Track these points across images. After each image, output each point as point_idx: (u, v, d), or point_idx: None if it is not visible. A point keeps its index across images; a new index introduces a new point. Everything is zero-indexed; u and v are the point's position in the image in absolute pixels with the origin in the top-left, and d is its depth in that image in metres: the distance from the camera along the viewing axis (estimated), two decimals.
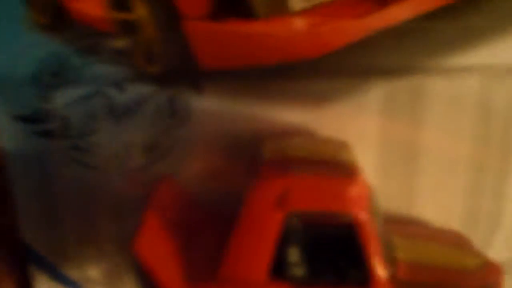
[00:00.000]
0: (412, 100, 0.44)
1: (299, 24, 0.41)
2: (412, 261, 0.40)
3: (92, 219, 0.48)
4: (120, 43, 0.44)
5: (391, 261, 0.39)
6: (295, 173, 0.37)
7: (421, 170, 0.46)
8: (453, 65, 0.43)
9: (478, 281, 0.40)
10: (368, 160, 0.45)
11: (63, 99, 0.45)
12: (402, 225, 0.45)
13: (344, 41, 0.41)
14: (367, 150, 0.46)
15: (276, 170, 0.38)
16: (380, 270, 0.37)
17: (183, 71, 0.44)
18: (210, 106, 0.45)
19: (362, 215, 0.36)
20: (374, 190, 0.41)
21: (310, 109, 0.45)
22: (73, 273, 0.49)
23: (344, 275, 0.37)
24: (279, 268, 0.38)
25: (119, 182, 0.47)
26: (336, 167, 0.39)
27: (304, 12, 0.41)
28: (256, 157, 0.42)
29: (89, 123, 0.46)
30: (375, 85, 0.44)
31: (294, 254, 0.38)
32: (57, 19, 0.44)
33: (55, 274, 0.50)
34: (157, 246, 0.39)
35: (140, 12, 0.43)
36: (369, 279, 0.37)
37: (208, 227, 0.43)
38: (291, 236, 0.37)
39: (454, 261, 0.41)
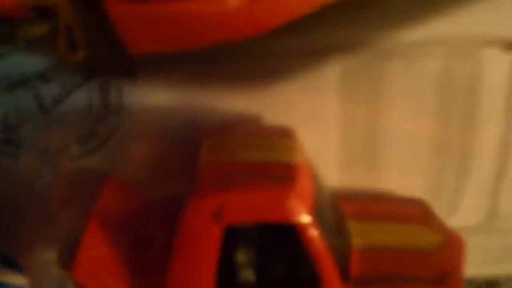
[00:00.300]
0: (370, 78, 0.40)
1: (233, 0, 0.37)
2: (367, 246, 0.39)
3: (23, 215, 0.45)
4: (38, 30, 0.39)
5: (344, 252, 0.37)
6: (231, 185, 0.34)
7: (383, 149, 0.43)
8: (411, 39, 0.38)
9: (438, 266, 0.38)
10: (327, 141, 0.43)
11: None
12: (360, 202, 0.43)
13: (286, 18, 0.37)
14: (326, 132, 0.42)
15: (212, 183, 0.35)
16: (330, 272, 0.35)
17: (111, 57, 0.40)
18: (144, 93, 0.41)
19: (304, 219, 0.34)
20: (319, 178, 0.39)
21: (256, 93, 0.41)
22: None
23: (294, 277, 0.35)
24: (228, 276, 0.36)
25: (53, 176, 0.43)
26: (275, 170, 0.36)
27: None
28: (194, 157, 0.38)
29: (18, 115, 0.42)
30: (329, 63, 0.40)
31: (241, 261, 0.35)
32: None
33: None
34: (97, 268, 0.36)
35: None
36: (319, 280, 0.35)
37: (155, 223, 0.40)
38: (235, 245, 0.35)
39: (413, 241, 0.39)
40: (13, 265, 0.48)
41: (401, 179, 0.44)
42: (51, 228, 0.44)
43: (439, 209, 0.42)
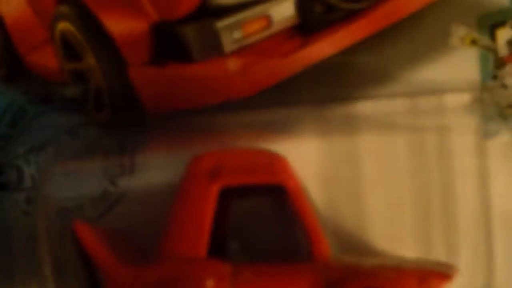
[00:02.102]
0: (346, 125, 0.46)
1: (232, 65, 0.45)
2: None
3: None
4: (71, 91, 0.47)
5: None
6: (227, 151, 0.40)
7: (365, 191, 0.47)
8: (379, 93, 0.45)
9: None
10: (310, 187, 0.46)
11: (18, 150, 0.48)
12: None
13: (275, 79, 0.45)
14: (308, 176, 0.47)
15: (210, 152, 0.40)
16: (321, 238, 0.38)
17: (130, 116, 0.47)
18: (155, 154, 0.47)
19: (293, 182, 0.38)
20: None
21: (249, 139, 0.47)
22: None
23: (283, 245, 0.39)
24: (218, 244, 0.39)
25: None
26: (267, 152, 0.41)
27: (236, 53, 0.45)
28: None
29: (41, 174, 0.48)
30: (308, 114, 0.46)
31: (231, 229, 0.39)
32: (13, 70, 0.48)
33: None
34: (95, 230, 0.41)
35: (89, 60, 0.47)
36: (311, 249, 0.38)
37: None
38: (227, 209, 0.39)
39: None
40: None
41: (386, 225, 0.47)
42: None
43: None
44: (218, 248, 0.39)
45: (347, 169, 0.47)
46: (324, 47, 0.44)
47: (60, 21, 0.47)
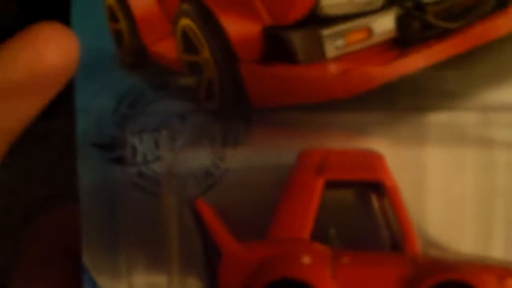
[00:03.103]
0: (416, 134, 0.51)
1: (332, 69, 0.50)
2: None
3: (155, 246, 0.54)
4: (186, 80, 0.53)
5: None
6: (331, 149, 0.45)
7: (428, 199, 0.50)
8: (454, 105, 0.50)
9: None
10: None
11: (134, 129, 0.54)
12: None
13: (369, 85, 0.50)
14: None
15: (316, 149, 0.45)
16: (412, 232, 0.43)
17: (237, 107, 0.52)
18: (258, 137, 0.53)
19: (393, 182, 0.43)
20: None
21: (349, 140, 0.51)
22: None
23: (380, 239, 0.44)
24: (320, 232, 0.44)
25: (178, 210, 0.54)
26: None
27: (338, 59, 0.50)
28: None
29: (153, 151, 0.54)
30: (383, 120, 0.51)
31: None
32: (138, 58, 0.54)
33: None
34: (214, 210, 0.46)
35: (205, 54, 0.52)
36: (402, 243, 0.43)
37: None
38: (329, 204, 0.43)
39: None
40: None
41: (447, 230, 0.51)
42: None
43: None
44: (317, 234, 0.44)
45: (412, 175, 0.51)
46: (417, 60, 0.49)
47: (182, 17, 0.53)
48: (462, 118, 0.50)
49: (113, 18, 0.54)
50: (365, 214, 0.45)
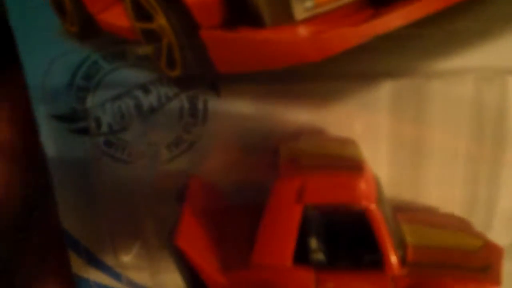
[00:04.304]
0: (415, 99, 0.48)
1: (302, 31, 0.46)
2: (419, 244, 0.45)
3: (127, 209, 0.53)
4: (144, 49, 0.49)
5: (400, 245, 0.44)
6: (310, 170, 0.42)
7: (425, 163, 0.50)
8: (447, 67, 0.46)
9: (480, 261, 0.45)
10: (377, 156, 0.50)
11: (95, 100, 0.50)
12: (409, 212, 0.50)
13: (343, 47, 0.46)
14: (376, 147, 0.50)
15: (294, 168, 0.43)
16: (391, 254, 0.42)
17: (202, 74, 0.49)
18: (226, 107, 0.50)
19: (371, 206, 0.41)
20: (380, 181, 0.46)
21: (318, 109, 0.49)
22: (108, 259, 0.55)
23: (360, 259, 0.42)
24: (302, 254, 0.43)
25: (148, 175, 0.52)
26: (345, 162, 0.44)
27: (307, 21, 0.46)
28: (273, 157, 0.47)
29: (119, 121, 0.51)
30: (380, 86, 0.48)
31: (314, 242, 0.43)
32: (86, 28, 0.49)
33: (91, 259, 0.56)
34: (195, 239, 0.44)
35: (160, 21, 0.48)
36: (382, 262, 0.42)
37: (235, 216, 0.49)
38: (311, 225, 0.42)
39: (457, 243, 0.45)
40: (98, 263, 0.56)
41: (439, 191, 0.51)
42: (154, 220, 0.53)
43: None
44: (304, 256, 0.42)
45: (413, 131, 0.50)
46: (393, 19, 0.45)
47: None
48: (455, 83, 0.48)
49: None
50: (350, 233, 0.43)
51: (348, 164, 0.44)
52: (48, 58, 0.49)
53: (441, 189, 0.51)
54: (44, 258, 0.56)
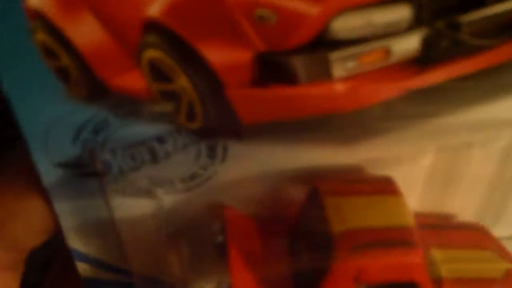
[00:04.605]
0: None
1: (339, 87, 0.42)
2: (455, 278, 0.47)
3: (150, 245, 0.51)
4: (161, 107, 0.44)
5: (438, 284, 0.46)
6: (365, 252, 0.43)
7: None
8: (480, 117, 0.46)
9: None
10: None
11: (104, 149, 0.46)
12: (435, 230, 0.51)
13: (378, 99, 0.43)
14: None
15: (348, 249, 0.43)
16: None
17: (223, 126, 0.45)
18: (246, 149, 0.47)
19: (423, 278, 0.43)
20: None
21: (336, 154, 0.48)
22: None
23: None
24: None
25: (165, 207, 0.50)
26: (396, 234, 0.44)
27: (346, 77, 0.42)
28: (311, 197, 0.47)
29: (130, 162, 0.47)
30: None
31: None
32: (94, 91, 0.43)
33: None
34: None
35: (181, 82, 0.42)
36: None
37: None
38: None
39: (487, 271, 0.47)
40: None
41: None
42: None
43: (484, 218, 0.52)
44: None
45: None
46: (436, 76, 0.42)
47: (147, 49, 0.41)
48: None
49: (51, 55, 0.41)
50: None
51: (400, 238, 0.44)
52: (54, 117, 0.44)
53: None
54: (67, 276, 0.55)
